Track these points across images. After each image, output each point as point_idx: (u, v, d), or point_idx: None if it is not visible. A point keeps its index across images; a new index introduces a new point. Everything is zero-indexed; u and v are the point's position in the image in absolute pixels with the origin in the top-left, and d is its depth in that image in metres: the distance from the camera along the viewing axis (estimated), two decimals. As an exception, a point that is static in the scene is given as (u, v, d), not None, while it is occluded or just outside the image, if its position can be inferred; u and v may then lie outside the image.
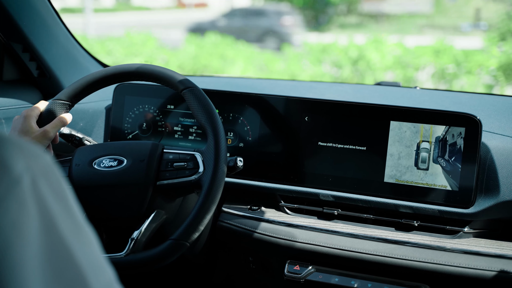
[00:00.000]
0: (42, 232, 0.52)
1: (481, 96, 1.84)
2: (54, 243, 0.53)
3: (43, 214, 0.53)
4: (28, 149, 0.55)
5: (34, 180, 0.53)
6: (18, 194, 0.51)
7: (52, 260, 0.52)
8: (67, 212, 0.56)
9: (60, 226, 0.54)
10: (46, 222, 0.53)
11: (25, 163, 0.53)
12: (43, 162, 0.56)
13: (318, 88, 1.88)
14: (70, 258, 0.54)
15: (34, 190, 0.53)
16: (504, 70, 7.30)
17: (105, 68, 1.42)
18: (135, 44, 10.25)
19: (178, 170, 1.31)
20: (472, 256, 1.36)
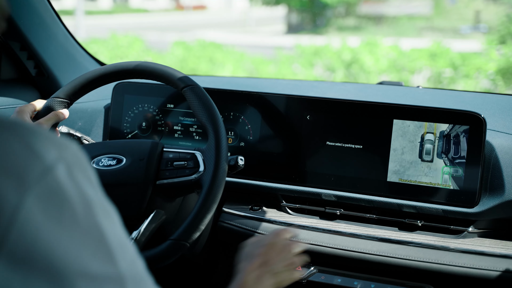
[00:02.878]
0: (81, 216, 0.58)
1: (485, 95, 1.83)
2: (90, 226, 0.59)
3: (82, 199, 0.59)
4: (59, 140, 0.60)
5: (69, 168, 0.59)
6: (51, 181, 0.57)
7: (87, 242, 0.58)
8: (99, 196, 0.62)
9: (95, 210, 0.60)
10: (85, 207, 0.59)
11: (57, 153, 0.58)
12: (74, 151, 0.61)
13: (320, 87, 1.86)
14: (102, 239, 0.60)
15: (70, 177, 0.58)
16: (503, 74, 7.27)
17: (104, 66, 1.40)
18: (120, 46, 10.17)
19: (178, 169, 1.29)
20: (476, 256, 1.34)
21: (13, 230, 0.54)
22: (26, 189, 0.55)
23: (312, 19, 19.41)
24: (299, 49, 10.00)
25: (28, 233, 0.54)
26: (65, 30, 1.92)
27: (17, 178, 0.55)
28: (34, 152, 0.57)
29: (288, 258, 1.11)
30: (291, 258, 1.12)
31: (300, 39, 12.42)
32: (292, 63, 9.24)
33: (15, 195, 0.55)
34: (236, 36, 17.65)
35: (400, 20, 17.97)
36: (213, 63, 9.53)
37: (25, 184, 0.55)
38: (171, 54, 10.07)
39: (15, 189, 0.55)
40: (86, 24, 16.49)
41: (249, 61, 9.58)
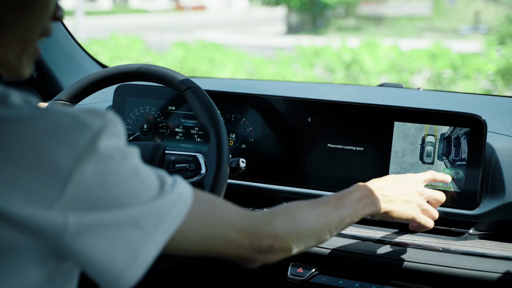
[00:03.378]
0: (122, 164, 0.72)
1: (485, 97, 1.84)
2: (129, 169, 0.73)
3: (120, 153, 0.72)
4: (99, 111, 0.72)
5: (112, 132, 0.71)
6: (100, 144, 0.69)
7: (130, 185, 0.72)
8: (128, 145, 0.75)
9: (129, 156, 0.74)
10: (123, 157, 0.72)
11: (102, 121, 0.70)
12: (113, 119, 0.72)
13: (321, 89, 1.87)
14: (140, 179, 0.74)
15: (113, 139, 0.71)
16: (503, 75, 7.25)
17: (106, 68, 1.41)
18: (120, 47, 10.13)
19: (180, 172, 1.30)
20: (477, 258, 1.34)
21: (68, 189, 0.67)
22: (79, 154, 0.67)
23: (312, 19, 19.42)
24: (299, 50, 9.98)
25: (82, 190, 0.67)
26: (66, 32, 1.92)
27: (70, 145, 0.67)
28: (82, 122, 0.69)
29: (413, 196, 1.20)
30: (416, 197, 1.21)
31: (300, 40, 12.40)
32: (292, 63, 9.21)
33: (69, 160, 0.66)
34: (236, 37, 17.65)
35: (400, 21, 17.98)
36: (213, 63, 9.50)
37: (77, 150, 0.67)
38: (171, 54, 10.03)
39: (70, 155, 0.67)
40: (86, 24, 16.49)
41: (249, 62, 9.55)
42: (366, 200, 1.09)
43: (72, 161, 0.66)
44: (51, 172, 0.66)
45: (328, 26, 18.83)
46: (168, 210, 0.75)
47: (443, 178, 1.32)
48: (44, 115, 0.68)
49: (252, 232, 0.88)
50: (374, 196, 1.11)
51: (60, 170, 0.66)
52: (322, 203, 1.02)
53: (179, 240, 0.79)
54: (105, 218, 0.69)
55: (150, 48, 10.62)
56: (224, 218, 0.85)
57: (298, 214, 0.96)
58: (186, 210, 0.78)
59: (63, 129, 0.67)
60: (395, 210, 1.15)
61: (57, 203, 0.66)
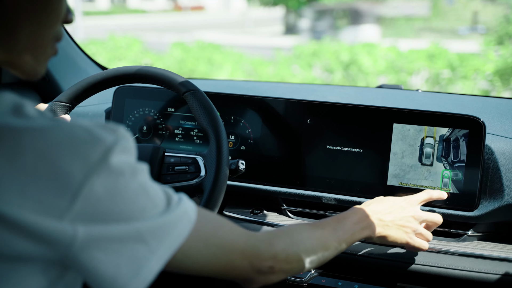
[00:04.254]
0: (131, 181, 0.73)
1: (484, 98, 1.84)
2: (137, 188, 0.74)
3: (131, 169, 0.73)
4: (111, 126, 0.74)
5: (124, 148, 0.72)
6: (111, 159, 0.70)
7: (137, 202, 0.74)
8: (140, 165, 0.77)
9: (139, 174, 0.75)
10: (133, 174, 0.74)
11: (114, 136, 0.72)
12: (125, 134, 0.74)
13: (320, 90, 1.87)
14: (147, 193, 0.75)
15: (124, 155, 0.73)
16: (501, 75, 7.25)
17: (106, 70, 1.41)
18: (119, 47, 10.10)
19: (180, 174, 1.30)
20: (476, 260, 1.35)
21: (78, 201, 0.68)
22: (90, 167, 0.68)
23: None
24: (297, 50, 9.98)
25: (91, 203, 0.69)
26: (66, 34, 1.92)
27: (82, 159, 0.68)
28: (95, 136, 0.70)
29: (407, 221, 1.23)
30: (410, 222, 1.23)
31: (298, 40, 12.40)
32: (291, 64, 9.20)
33: (81, 172, 0.68)
34: (234, 37, 17.65)
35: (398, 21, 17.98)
36: (212, 64, 9.49)
37: (89, 163, 0.68)
38: (169, 55, 10.01)
39: (81, 167, 0.68)
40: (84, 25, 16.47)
41: (248, 62, 9.54)
42: (363, 224, 1.13)
43: (83, 173, 0.68)
44: (62, 183, 0.67)
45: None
46: (173, 226, 0.77)
47: (439, 195, 1.34)
48: (58, 127, 0.69)
49: (253, 253, 0.90)
50: (370, 221, 1.15)
51: (71, 182, 0.67)
52: (321, 226, 1.05)
53: (182, 258, 0.80)
54: (113, 232, 0.71)
55: (149, 48, 10.60)
56: (226, 238, 0.86)
57: (298, 236, 0.98)
58: (190, 227, 0.79)
59: (76, 142, 0.69)
60: (390, 235, 1.20)
61: (67, 214, 0.67)
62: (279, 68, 9.04)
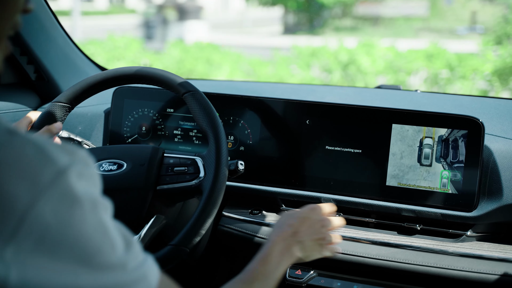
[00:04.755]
0: (90, 215, 0.64)
1: (483, 99, 1.84)
2: (97, 224, 0.65)
3: (90, 199, 0.64)
4: (69, 147, 0.66)
5: (80, 172, 0.64)
6: (63, 183, 0.62)
7: (94, 238, 0.64)
8: (102, 198, 0.68)
9: (100, 208, 0.66)
10: (92, 206, 0.64)
11: (69, 158, 0.64)
12: (83, 157, 0.66)
13: (319, 91, 1.87)
14: (107, 235, 0.66)
15: (80, 181, 0.64)
16: (499, 75, 7.25)
17: (105, 71, 1.41)
18: (117, 47, 10.10)
19: (179, 175, 1.30)
20: (475, 260, 1.35)
21: (24, 227, 0.60)
22: (39, 191, 0.61)
23: (309, 20, 19.41)
24: (296, 50, 9.97)
25: (38, 230, 0.60)
26: (65, 35, 1.92)
27: (31, 180, 0.61)
28: (48, 156, 0.62)
29: (320, 233, 1.18)
30: (323, 233, 1.18)
31: (297, 40, 12.39)
32: (289, 64, 9.19)
33: (28, 195, 0.60)
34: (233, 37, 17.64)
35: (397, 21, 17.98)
36: (211, 64, 9.48)
37: (38, 186, 0.61)
38: (168, 55, 10.02)
39: (28, 190, 0.60)
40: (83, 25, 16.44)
41: (246, 63, 9.54)
42: (286, 253, 1.11)
43: (31, 196, 0.60)
44: (6, 207, 0.59)
45: (325, 27, 18.82)
46: (133, 284, 0.68)
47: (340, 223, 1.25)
48: (9, 143, 0.62)
49: None
50: (291, 246, 1.12)
51: (16, 206, 0.60)
52: (252, 278, 1.03)
53: None
54: (55, 269, 0.62)
55: (147, 48, 10.60)
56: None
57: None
58: None
59: (25, 161, 0.62)
60: (309, 255, 1.17)
61: (10, 242, 0.59)
62: (278, 68, 9.03)
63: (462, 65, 7.85)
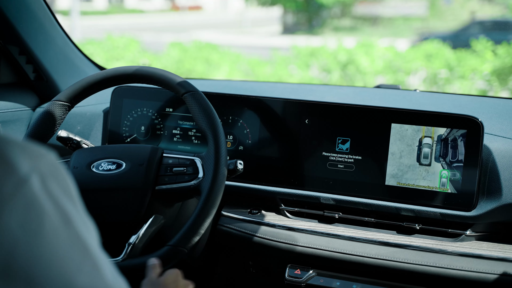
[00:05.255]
0: (61, 228, 0.56)
1: (482, 98, 1.84)
2: (73, 238, 0.57)
3: (59, 210, 0.57)
4: (33, 149, 0.58)
5: (44, 180, 0.56)
6: (26, 193, 0.55)
7: (72, 255, 0.56)
8: (77, 208, 0.60)
9: (75, 222, 0.58)
10: (63, 219, 0.57)
11: (31, 164, 0.56)
12: (49, 162, 0.58)
13: (318, 90, 1.87)
14: (87, 251, 0.58)
15: (45, 189, 0.56)
16: (498, 75, 7.26)
17: (105, 70, 1.41)
18: (116, 47, 10.08)
19: (178, 175, 1.30)
20: (474, 259, 1.35)
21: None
22: (1, 202, 0.54)
23: (308, 19, 19.43)
24: (295, 50, 9.97)
25: (5, 247, 0.53)
26: (64, 34, 1.92)
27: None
28: (8, 163, 0.55)
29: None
30: None
31: (296, 40, 12.40)
32: (288, 64, 9.18)
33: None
34: (232, 37, 17.64)
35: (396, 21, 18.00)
36: (209, 64, 9.47)
37: (0, 197, 0.54)
38: (167, 55, 10.00)
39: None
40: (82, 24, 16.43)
41: (245, 63, 9.53)
42: None
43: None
44: None
45: (324, 26, 18.84)
46: None
47: None
48: None
49: None
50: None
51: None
52: None
53: None
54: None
55: (146, 48, 10.59)
56: None
57: None
58: None
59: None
60: None
61: None
62: (277, 68, 9.03)
63: (461, 65, 7.85)
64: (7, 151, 0.56)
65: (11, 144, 0.57)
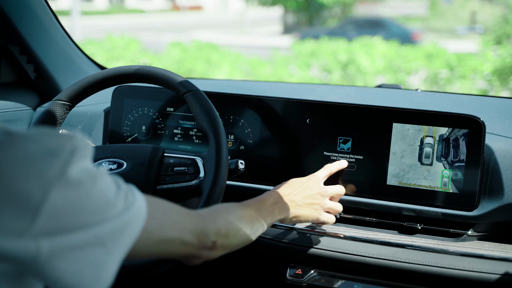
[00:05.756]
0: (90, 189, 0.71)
1: (484, 98, 1.84)
2: (96, 195, 0.72)
3: (90, 177, 0.71)
4: (69, 135, 0.71)
5: (80, 159, 0.70)
6: (69, 173, 0.68)
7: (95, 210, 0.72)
8: (100, 171, 0.75)
9: (98, 181, 0.73)
10: (91, 182, 0.71)
11: (70, 148, 0.69)
12: (82, 142, 0.71)
13: (319, 90, 1.87)
14: (107, 200, 0.74)
15: (82, 163, 0.70)
16: (499, 75, 7.26)
17: (106, 70, 1.40)
18: (116, 47, 10.07)
19: (179, 175, 1.30)
20: (476, 259, 1.34)
21: (39, 219, 0.65)
22: (48, 185, 0.66)
23: (308, 19, 19.43)
24: (295, 50, 9.97)
25: (53, 217, 0.66)
26: (64, 34, 1.92)
27: (39, 177, 0.66)
28: (49, 151, 0.67)
29: (315, 199, 1.29)
30: (318, 199, 1.30)
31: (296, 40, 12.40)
32: (288, 64, 9.19)
33: (39, 191, 0.65)
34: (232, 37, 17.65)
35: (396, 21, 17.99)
36: (210, 64, 9.47)
37: (47, 180, 0.66)
38: (167, 55, 10.01)
39: (39, 185, 0.65)
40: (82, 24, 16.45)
41: (246, 62, 9.53)
42: (279, 205, 1.20)
43: (42, 192, 0.66)
44: (21, 204, 0.65)
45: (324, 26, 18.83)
46: (127, 225, 0.76)
47: (339, 166, 1.43)
48: (10, 144, 0.66)
49: (201, 231, 0.94)
50: (284, 202, 1.22)
51: (30, 202, 0.65)
52: (248, 206, 1.12)
53: (138, 248, 0.81)
54: (75, 240, 0.69)
55: (147, 48, 10.59)
56: (176, 221, 0.90)
57: (233, 214, 1.04)
58: (142, 222, 0.79)
59: (31, 160, 0.66)
60: (301, 214, 1.27)
61: (28, 232, 0.65)
62: (277, 68, 9.03)
63: (462, 65, 7.85)
64: (47, 140, 0.68)
65: (48, 135, 0.69)
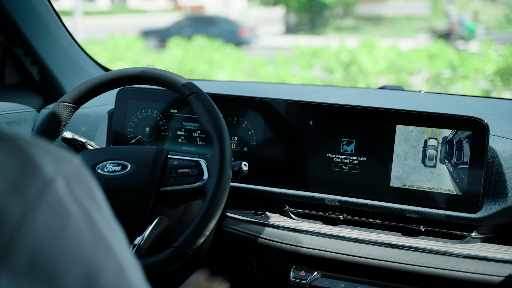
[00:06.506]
0: (86, 230, 0.57)
1: (487, 100, 1.84)
2: (97, 240, 0.58)
3: (82, 212, 0.57)
4: (58, 152, 0.59)
5: (68, 182, 0.57)
6: (51, 195, 0.55)
7: (96, 255, 0.57)
8: (100, 210, 0.61)
9: (99, 225, 0.59)
10: (87, 221, 0.57)
11: (56, 166, 0.57)
12: (73, 165, 0.60)
13: (323, 92, 1.87)
14: (111, 252, 0.58)
15: (69, 191, 0.57)
16: (502, 75, 7.26)
17: (110, 72, 1.41)
18: (119, 47, 10.09)
19: (182, 177, 1.30)
20: (479, 262, 1.34)
21: (16, 244, 0.53)
22: (28, 204, 0.54)
23: (310, 19, 19.43)
24: (297, 50, 9.97)
25: (31, 247, 0.53)
26: (68, 35, 1.92)
27: (18, 193, 0.54)
28: (33, 166, 0.56)
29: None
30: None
31: (298, 40, 12.39)
32: (291, 64, 9.19)
33: (17, 210, 0.54)
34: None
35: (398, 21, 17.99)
36: (212, 64, 9.48)
37: (26, 198, 0.54)
38: (169, 55, 10.02)
39: (17, 204, 0.54)
40: (84, 24, 16.46)
41: (248, 62, 9.54)
42: None
43: (20, 211, 0.54)
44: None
45: (326, 26, 18.84)
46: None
47: None
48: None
49: None
50: None
51: (6, 222, 0.53)
52: None
53: None
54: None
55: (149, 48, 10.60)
56: None
57: None
58: None
59: (11, 174, 0.55)
60: None
61: (3, 263, 0.53)
62: (279, 68, 9.03)
63: (464, 65, 7.85)
64: (33, 154, 0.57)
65: (37, 147, 0.58)
